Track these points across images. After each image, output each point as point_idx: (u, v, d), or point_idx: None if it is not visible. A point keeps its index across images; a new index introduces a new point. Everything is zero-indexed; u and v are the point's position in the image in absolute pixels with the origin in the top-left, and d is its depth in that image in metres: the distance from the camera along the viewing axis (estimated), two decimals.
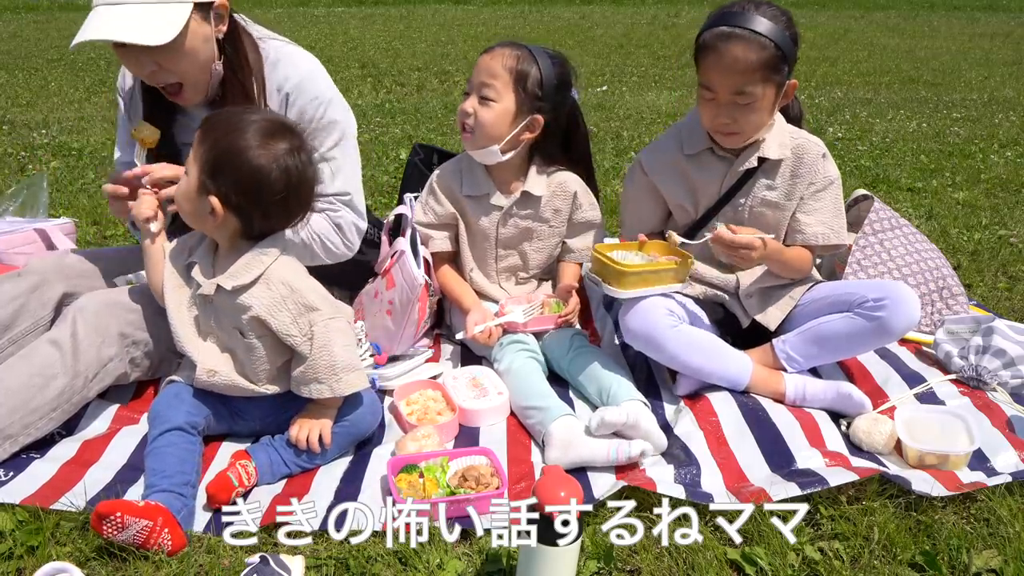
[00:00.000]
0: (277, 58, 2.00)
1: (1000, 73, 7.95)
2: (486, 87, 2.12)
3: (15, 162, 4.29)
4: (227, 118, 1.70)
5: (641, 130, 5.32)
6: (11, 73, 7.30)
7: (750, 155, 2.06)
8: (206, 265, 1.77)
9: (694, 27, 2.10)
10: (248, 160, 1.63)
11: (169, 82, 1.87)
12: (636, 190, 2.21)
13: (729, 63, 1.89)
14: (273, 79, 1.98)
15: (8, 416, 1.70)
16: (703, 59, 1.94)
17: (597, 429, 1.77)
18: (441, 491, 1.63)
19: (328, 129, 2.03)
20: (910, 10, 14.59)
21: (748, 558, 1.49)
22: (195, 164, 1.67)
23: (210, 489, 1.60)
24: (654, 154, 2.17)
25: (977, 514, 1.63)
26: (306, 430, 1.74)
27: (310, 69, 2.03)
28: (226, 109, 1.84)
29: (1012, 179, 4.16)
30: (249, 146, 1.63)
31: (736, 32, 1.88)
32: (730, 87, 1.91)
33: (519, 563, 1.37)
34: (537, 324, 2.19)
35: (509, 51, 2.13)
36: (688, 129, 2.13)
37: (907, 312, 1.95)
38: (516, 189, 2.25)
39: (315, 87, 2.01)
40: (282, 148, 1.66)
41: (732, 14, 1.91)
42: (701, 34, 1.95)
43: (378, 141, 4.90)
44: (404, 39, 10.11)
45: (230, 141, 1.64)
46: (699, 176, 2.11)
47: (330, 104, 2.03)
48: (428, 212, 2.27)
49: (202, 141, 1.67)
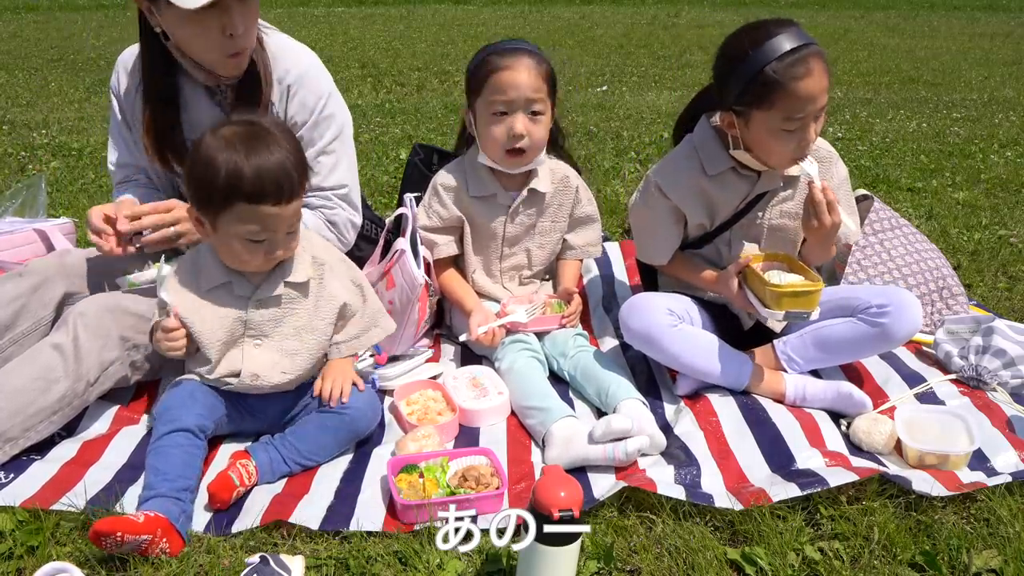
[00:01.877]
0: (278, 49, 2.02)
1: (1000, 73, 7.95)
2: (535, 102, 2.09)
3: (15, 162, 4.28)
4: (197, 143, 1.70)
5: (641, 130, 5.31)
6: (11, 73, 7.30)
7: (775, 175, 2.04)
8: (239, 275, 1.76)
9: (694, 27, 2.09)
10: (198, 157, 1.65)
11: (242, 48, 1.89)
12: (659, 213, 2.12)
13: (818, 79, 1.82)
14: (274, 70, 2.00)
15: (9, 419, 1.70)
16: (783, 92, 1.81)
17: (602, 437, 1.76)
18: (441, 491, 1.63)
19: (327, 122, 2.05)
20: (910, 10, 14.58)
21: (748, 558, 1.49)
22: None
23: (211, 488, 1.60)
24: (672, 176, 2.09)
25: (977, 514, 1.63)
26: (338, 385, 1.78)
27: (311, 63, 2.06)
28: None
29: (1012, 179, 4.15)
30: (202, 148, 1.65)
31: (808, 49, 1.81)
32: (820, 104, 1.85)
33: (519, 563, 1.37)
34: (539, 324, 2.20)
35: (534, 60, 2.08)
36: (706, 150, 2.06)
37: (910, 319, 1.96)
38: (522, 187, 2.25)
39: (316, 81, 2.04)
40: (229, 131, 1.66)
41: (776, 39, 1.81)
42: (759, 72, 1.81)
43: (378, 141, 4.90)
44: (404, 39, 10.11)
45: (192, 156, 1.68)
46: (720, 195, 2.07)
47: (330, 98, 2.06)
48: (433, 216, 2.26)
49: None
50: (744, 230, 2.12)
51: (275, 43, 2.02)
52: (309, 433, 1.77)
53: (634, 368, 2.17)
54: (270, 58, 2.00)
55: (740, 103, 1.89)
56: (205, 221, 1.69)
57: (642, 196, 2.16)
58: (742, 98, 1.88)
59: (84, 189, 3.81)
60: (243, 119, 1.70)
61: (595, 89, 6.91)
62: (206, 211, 1.67)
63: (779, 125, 1.87)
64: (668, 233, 2.13)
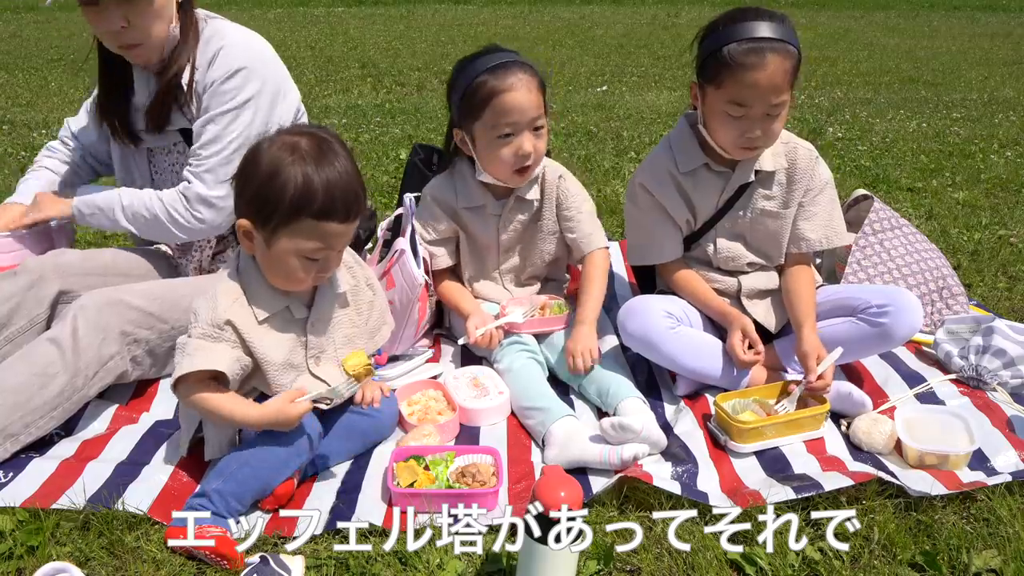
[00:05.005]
0: (211, 33, 2.05)
1: (1000, 73, 7.95)
2: (539, 119, 2.07)
3: (15, 162, 4.28)
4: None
5: (641, 130, 5.31)
6: (11, 73, 7.30)
7: (747, 168, 2.05)
8: (294, 298, 1.68)
9: (694, 27, 2.08)
10: (265, 157, 1.57)
11: (131, 43, 1.93)
12: (646, 212, 2.13)
13: (769, 75, 1.81)
14: (204, 52, 2.03)
15: (9, 415, 1.70)
16: (731, 75, 1.84)
17: (612, 432, 1.76)
18: (439, 484, 1.65)
19: (228, 95, 2.01)
20: (910, 10, 14.58)
21: (748, 558, 1.49)
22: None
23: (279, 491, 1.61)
24: (651, 173, 2.11)
25: (977, 514, 1.63)
26: (370, 389, 1.75)
27: (234, 40, 2.04)
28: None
29: (1012, 179, 4.15)
30: (262, 149, 1.59)
31: (770, 44, 1.81)
32: (767, 100, 1.85)
33: (519, 563, 1.37)
34: (540, 326, 2.19)
35: (528, 74, 2.04)
36: (680, 145, 2.08)
37: (910, 319, 1.96)
38: (509, 193, 2.22)
39: (231, 54, 2.01)
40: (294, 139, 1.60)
41: (748, 24, 1.84)
42: (718, 50, 1.85)
43: (378, 141, 4.89)
44: (404, 39, 10.11)
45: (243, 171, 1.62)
46: (696, 192, 2.08)
47: (237, 73, 2.01)
48: (429, 230, 2.25)
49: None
50: (727, 228, 2.12)
51: (211, 27, 2.07)
52: (340, 436, 1.78)
53: (634, 368, 2.17)
54: (203, 42, 2.03)
55: (701, 75, 1.95)
56: (258, 236, 1.56)
57: (631, 200, 2.18)
58: (702, 71, 1.93)
59: None
60: (307, 128, 1.61)
61: (595, 89, 6.91)
62: (264, 226, 1.54)
63: (724, 108, 1.89)
64: (664, 229, 2.13)
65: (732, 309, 2.06)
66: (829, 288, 2.22)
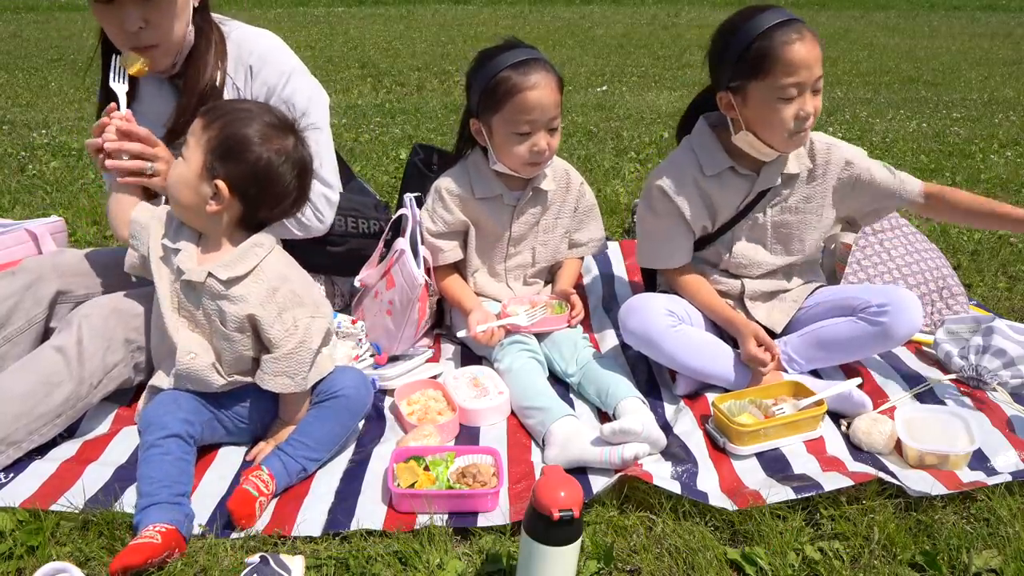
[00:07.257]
0: (239, 36, 2.04)
1: (1000, 73, 7.95)
2: (556, 118, 2.11)
3: (15, 162, 4.28)
4: (233, 106, 1.73)
5: (641, 130, 5.31)
6: (11, 73, 7.30)
7: (773, 172, 2.05)
8: (190, 251, 1.72)
9: (694, 27, 2.09)
10: (261, 148, 1.67)
11: (148, 43, 1.88)
12: (662, 217, 2.11)
13: (809, 47, 1.85)
14: (235, 55, 2.02)
15: (13, 423, 1.70)
16: (776, 57, 1.85)
17: (613, 437, 1.76)
18: (439, 484, 1.65)
19: (293, 98, 2.03)
20: (910, 10, 14.58)
21: (748, 558, 1.49)
22: (198, 149, 1.67)
23: (231, 505, 1.55)
24: (672, 176, 2.08)
25: (977, 514, 1.63)
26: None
27: (271, 44, 2.07)
28: (225, 101, 1.86)
29: (1012, 179, 4.15)
30: (263, 135, 1.67)
31: (798, 21, 1.87)
32: (814, 72, 1.87)
33: (519, 563, 1.37)
34: (540, 325, 2.19)
35: (551, 74, 2.09)
36: (703, 150, 2.07)
37: (910, 319, 1.96)
38: (526, 185, 2.26)
39: (277, 60, 2.04)
40: (291, 141, 1.71)
41: (768, 12, 1.88)
42: (752, 42, 1.87)
43: (378, 141, 4.89)
44: (404, 39, 10.11)
45: (242, 127, 1.66)
46: (720, 195, 2.07)
47: (292, 74, 2.05)
48: (437, 221, 2.25)
49: (207, 127, 1.68)
50: (746, 230, 2.12)
51: (234, 30, 2.05)
52: (311, 426, 1.75)
53: (634, 368, 2.17)
54: (231, 44, 2.02)
55: (736, 78, 1.92)
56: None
57: (647, 203, 2.15)
58: (738, 73, 1.91)
59: (84, 189, 3.80)
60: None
61: (595, 89, 6.91)
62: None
63: (776, 93, 1.89)
64: (677, 234, 2.11)
65: (739, 316, 2.06)
66: (829, 288, 2.22)
